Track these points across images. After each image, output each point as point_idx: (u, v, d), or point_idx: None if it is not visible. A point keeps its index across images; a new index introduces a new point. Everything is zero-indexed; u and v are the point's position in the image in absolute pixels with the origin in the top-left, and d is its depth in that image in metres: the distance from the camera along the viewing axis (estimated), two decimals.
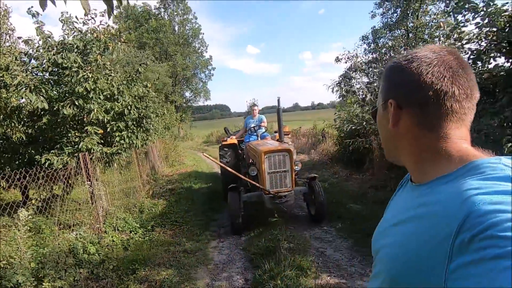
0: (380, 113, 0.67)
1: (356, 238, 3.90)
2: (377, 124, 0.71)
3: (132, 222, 4.89)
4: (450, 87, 0.56)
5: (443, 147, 0.57)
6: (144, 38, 27.21)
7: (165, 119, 16.07)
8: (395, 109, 0.60)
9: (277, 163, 4.32)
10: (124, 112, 5.12)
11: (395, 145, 0.65)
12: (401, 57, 0.63)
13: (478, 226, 0.42)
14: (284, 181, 4.34)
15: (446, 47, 0.60)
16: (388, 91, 0.64)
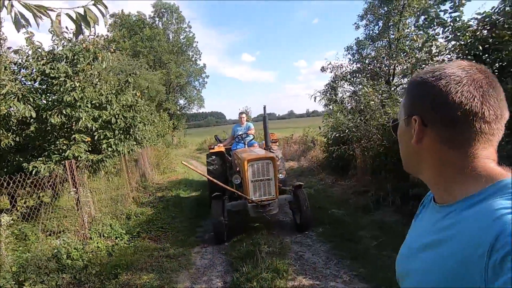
0: (402, 128, 0.66)
1: (335, 242, 4.03)
2: (398, 138, 0.70)
3: (118, 229, 4.96)
4: (480, 108, 0.54)
5: (469, 166, 0.55)
6: (138, 46, 27.44)
7: (157, 127, 16.18)
8: (420, 126, 0.59)
9: (260, 171, 4.31)
10: (112, 121, 5.23)
11: (417, 161, 0.64)
12: (428, 72, 0.61)
13: (509, 245, 0.41)
14: (268, 189, 4.33)
15: (475, 64, 0.59)
16: (412, 106, 0.62)
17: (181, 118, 31.86)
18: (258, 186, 4.32)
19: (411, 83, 0.65)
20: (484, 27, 3.70)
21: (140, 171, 9.42)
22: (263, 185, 4.33)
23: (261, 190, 4.32)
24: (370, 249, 3.69)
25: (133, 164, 8.98)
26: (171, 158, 14.85)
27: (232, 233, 4.54)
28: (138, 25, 29.44)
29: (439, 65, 0.61)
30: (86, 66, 5.28)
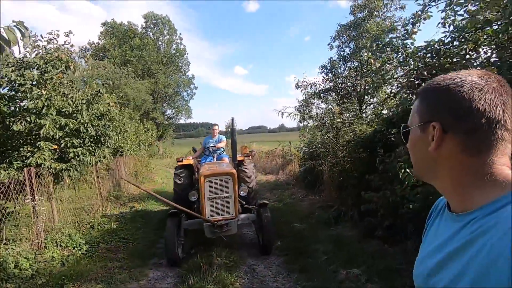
0: (417, 134, 0.65)
1: (289, 256, 4.10)
2: (409, 145, 0.69)
3: (78, 239, 4.90)
4: (502, 115, 0.55)
5: (488, 173, 0.56)
6: (127, 55, 27.56)
7: (139, 136, 16.11)
8: (440, 133, 0.58)
9: (218, 188, 4.07)
10: (80, 129, 5.25)
11: (433, 168, 0.63)
12: (447, 79, 0.61)
13: None
14: (226, 207, 4.09)
15: (491, 73, 0.60)
16: (430, 112, 0.61)
17: (168, 128, 31.79)
18: (215, 204, 4.06)
19: (428, 89, 0.64)
20: (429, 54, 3.97)
21: (114, 180, 9.32)
22: (221, 203, 4.08)
23: (218, 209, 4.08)
24: (320, 263, 3.77)
25: (106, 173, 8.90)
26: (151, 168, 14.74)
27: (189, 253, 4.28)
28: (129, 35, 29.68)
29: (455, 73, 0.61)
30: (59, 74, 5.33)
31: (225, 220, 4.00)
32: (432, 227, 0.73)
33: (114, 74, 21.21)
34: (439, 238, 0.65)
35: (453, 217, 0.61)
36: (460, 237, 0.57)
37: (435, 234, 0.69)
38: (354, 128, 6.20)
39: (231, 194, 4.12)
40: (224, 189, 4.10)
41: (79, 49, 32.08)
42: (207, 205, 4.04)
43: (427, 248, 0.69)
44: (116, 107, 7.12)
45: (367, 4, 7.66)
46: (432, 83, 0.64)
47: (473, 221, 0.55)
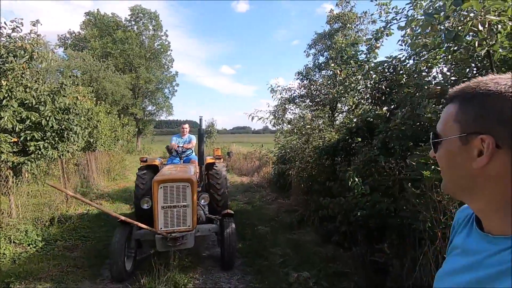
0: (455, 146, 0.57)
1: (247, 258, 4.18)
2: (441, 156, 0.61)
3: (34, 235, 4.75)
4: None
5: None
6: (108, 47, 26.81)
7: (115, 131, 15.71)
8: (492, 148, 0.51)
9: (174, 196, 3.64)
10: (42, 123, 5.09)
11: (472, 186, 0.56)
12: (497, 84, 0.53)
13: None
14: (183, 218, 3.64)
15: None
16: (478, 123, 0.53)
17: (148, 124, 31.17)
18: (170, 214, 3.62)
19: (474, 94, 0.55)
20: (388, 69, 4.19)
21: (83, 176, 9.07)
22: (177, 213, 3.64)
23: (173, 219, 3.63)
24: (275, 265, 3.88)
25: (74, 168, 8.65)
26: (125, 165, 14.42)
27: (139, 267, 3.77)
28: (112, 27, 28.90)
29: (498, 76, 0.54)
30: (23, 65, 5.15)
31: (180, 232, 3.54)
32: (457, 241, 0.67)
33: (92, 66, 20.58)
34: (469, 257, 0.58)
35: (488, 239, 0.56)
36: (495, 262, 0.51)
37: (463, 252, 0.62)
38: (323, 135, 6.40)
39: (189, 203, 3.67)
40: (181, 197, 3.66)
41: (58, 37, 31.00)
42: (160, 215, 3.58)
43: (453, 265, 0.63)
44: (85, 100, 6.95)
45: (341, 16, 7.94)
46: (479, 87, 0.54)
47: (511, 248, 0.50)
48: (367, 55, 4.52)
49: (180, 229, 3.61)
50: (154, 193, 3.59)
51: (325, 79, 7.74)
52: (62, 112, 5.53)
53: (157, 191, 3.59)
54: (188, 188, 3.70)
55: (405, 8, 3.85)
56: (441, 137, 0.60)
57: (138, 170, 5.03)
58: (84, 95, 7.26)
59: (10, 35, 5.26)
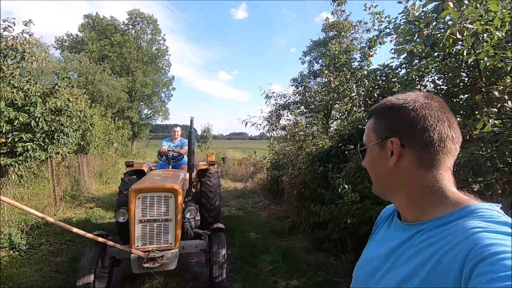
0: (375, 151, 0.68)
1: (236, 265, 4.10)
2: (368, 162, 0.71)
3: (18, 239, 4.63)
4: (449, 130, 0.61)
5: (440, 189, 0.61)
6: (105, 50, 26.79)
7: (109, 135, 15.58)
8: (398, 148, 0.63)
9: (154, 208, 3.13)
10: (32, 124, 5.02)
11: (392, 183, 0.66)
12: (399, 99, 0.66)
13: (479, 255, 0.47)
14: (164, 234, 3.13)
15: (432, 94, 0.66)
16: (388, 129, 0.66)
17: (143, 128, 31.03)
18: (149, 229, 3.11)
19: (383, 108, 0.68)
20: (380, 77, 4.21)
21: (73, 179, 8.92)
22: (157, 228, 3.12)
23: (153, 235, 3.11)
24: (263, 273, 3.80)
25: (64, 171, 8.51)
26: (118, 168, 14.26)
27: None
28: (110, 30, 28.94)
29: (404, 94, 0.67)
30: (13, 65, 5.09)
31: (160, 251, 3.03)
32: (379, 233, 0.76)
33: (89, 68, 20.51)
34: (387, 244, 0.67)
35: (403, 226, 0.65)
36: (409, 245, 0.60)
37: (382, 240, 0.72)
38: (316, 142, 6.38)
39: (171, 217, 3.16)
40: (162, 210, 3.15)
41: (55, 39, 30.91)
42: (137, 230, 3.06)
43: (372, 252, 0.72)
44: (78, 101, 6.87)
45: (336, 24, 8.02)
46: (386, 103, 0.68)
47: (423, 231, 0.59)
48: (360, 63, 4.55)
49: (160, 247, 3.08)
50: (130, 204, 3.06)
51: (320, 86, 7.77)
52: (53, 113, 5.46)
53: (134, 202, 3.06)
54: (171, 199, 3.18)
55: (398, 18, 3.89)
56: (366, 145, 0.71)
57: (123, 175, 4.60)
58: (77, 97, 7.18)
59: (1, 35, 5.22)
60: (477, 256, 0.47)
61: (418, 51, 2.94)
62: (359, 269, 0.74)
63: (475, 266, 0.47)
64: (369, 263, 0.70)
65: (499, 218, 0.54)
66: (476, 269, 0.46)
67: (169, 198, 3.19)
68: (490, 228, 0.51)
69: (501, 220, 0.54)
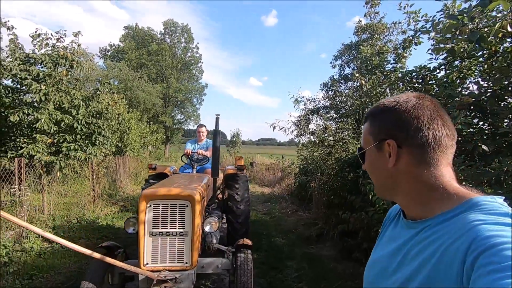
0: (374, 154, 0.69)
1: (261, 269, 4.05)
2: (367, 165, 0.72)
3: (60, 232, 5.00)
4: (442, 128, 0.62)
5: (440, 185, 0.62)
6: (143, 59, 28.44)
7: (144, 138, 16.41)
8: (395, 149, 0.64)
9: (168, 219, 2.64)
10: (74, 126, 5.43)
11: (392, 184, 0.67)
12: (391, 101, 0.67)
13: (480, 247, 0.47)
14: (178, 251, 2.64)
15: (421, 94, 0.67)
16: (383, 132, 0.67)
17: (176, 132, 32.29)
18: (161, 245, 2.62)
19: (377, 112, 0.69)
20: (416, 79, 3.98)
21: (111, 178, 9.48)
22: (170, 244, 2.63)
23: (165, 252, 2.62)
24: (288, 279, 3.72)
25: (104, 171, 9.08)
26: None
27: None
28: (147, 39, 30.72)
29: (395, 96, 0.69)
30: (64, 72, 5.58)
31: (172, 272, 2.54)
32: (386, 233, 0.77)
33: (128, 76, 21.90)
34: (394, 243, 0.68)
35: (408, 224, 0.66)
36: (415, 242, 0.61)
37: (389, 239, 0.73)
38: (347, 147, 6.18)
39: (187, 230, 2.65)
40: (177, 221, 2.65)
41: (100, 49, 33.47)
42: (146, 245, 2.60)
43: (380, 252, 0.73)
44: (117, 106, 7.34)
45: (369, 27, 7.76)
46: (379, 106, 0.70)
47: (427, 227, 0.60)
48: (394, 65, 4.34)
49: (173, 266, 2.58)
50: (140, 213, 2.60)
51: (351, 90, 7.55)
52: (93, 116, 5.87)
53: (145, 210, 2.61)
54: (187, 208, 2.67)
55: (436, 16, 3.67)
56: (364, 149, 0.72)
57: (146, 180, 4.36)
58: (116, 101, 7.67)
59: (55, 45, 5.75)
60: (477, 248, 0.48)
61: (459, 50, 2.74)
62: (368, 270, 0.74)
63: (476, 258, 0.47)
64: (378, 263, 0.71)
65: (499, 209, 0.54)
66: (478, 261, 0.47)
67: (185, 207, 2.68)
68: (490, 220, 0.52)
69: (502, 212, 0.54)
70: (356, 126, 7.73)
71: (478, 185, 2.39)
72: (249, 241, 3.06)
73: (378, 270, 0.69)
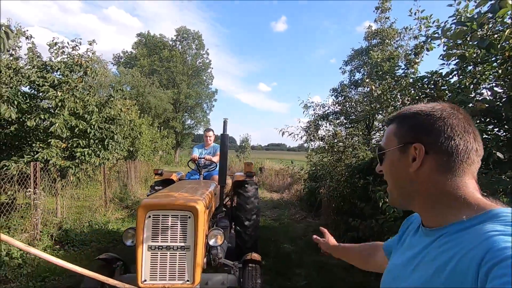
0: (395, 156, 0.68)
1: (268, 276, 4.01)
2: (386, 167, 0.72)
3: (73, 235, 5.10)
4: (474, 141, 0.62)
5: (462, 195, 0.61)
6: (155, 65, 29.03)
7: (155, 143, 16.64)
8: (422, 153, 0.63)
9: (168, 231, 2.43)
10: (87, 131, 5.57)
11: (411, 189, 0.66)
12: (426, 107, 0.67)
13: (495, 258, 0.47)
14: (180, 267, 2.42)
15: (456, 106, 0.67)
16: (412, 135, 0.66)
17: (186, 137, 32.65)
18: (160, 260, 2.39)
19: (408, 115, 0.68)
20: (428, 85, 3.92)
21: (122, 183, 9.64)
22: (170, 259, 2.41)
23: (165, 268, 2.40)
24: (297, 287, 3.67)
25: (114, 175, 9.25)
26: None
27: None
28: (159, 46, 31.38)
29: (430, 103, 0.68)
30: (78, 79, 5.76)
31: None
32: (406, 241, 0.77)
33: (140, 82, 22.39)
34: (411, 250, 0.69)
35: (425, 232, 0.66)
36: (430, 249, 0.61)
37: (408, 246, 0.73)
38: (357, 153, 6.11)
39: (189, 244, 2.43)
40: (178, 234, 2.44)
41: (113, 56, 34.38)
42: (145, 259, 2.39)
43: (398, 259, 0.73)
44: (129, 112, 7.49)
45: (379, 32, 7.72)
46: (411, 110, 0.69)
47: (444, 235, 0.60)
48: (405, 71, 4.29)
49: (173, 284, 2.38)
50: (138, 225, 2.39)
51: (361, 95, 7.49)
52: (106, 121, 6.01)
53: (143, 221, 2.39)
54: (190, 220, 2.45)
55: (448, 21, 3.62)
56: (385, 150, 0.71)
57: (151, 188, 4.24)
58: (128, 107, 7.84)
59: (70, 53, 5.95)
60: (492, 259, 0.47)
61: (470, 56, 2.70)
62: (386, 274, 0.75)
63: (490, 269, 0.47)
64: (394, 269, 0.72)
65: None
66: (492, 272, 0.46)
67: (187, 218, 2.44)
68: (508, 231, 0.51)
69: None
70: (366, 132, 7.65)
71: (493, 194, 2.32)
72: (257, 256, 2.89)
73: (394, 275, 0.70)
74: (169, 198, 2.60)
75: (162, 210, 2.43)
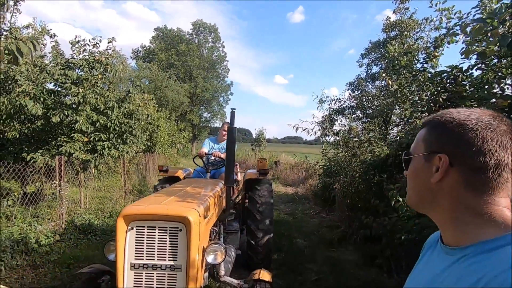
0: (420, 163, 0.65)
1: (280, 270, 4.08)
2: (410, 172, 0.68)
3: (95, 225, 5.38)
4: (509, 158, 0.56)
5: (488, 212, 0.56)
6: (172, 59, 29.43)
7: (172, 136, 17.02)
8: (446, 166, 0.59)
9: (155, 248, 2.00)
10: (108, 125, 5.80)
11: (431, 200, 0.63)
12: (461, 114, 0.61)
13: None
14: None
15: (499, 114, 0.61)
16: (438, 144, 0.62)
17: (202, 130, 33.12)
18: (146, 281, 2.00)
19: (440, 121, 0.63)
20: (448, 80, 3.78)
21: (141, 175, 9.99)
22: (158, 280, 2.00)
23: None
24: (308, 282, 3.72)
25: (134, 167, 9.59)
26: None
27: None
28: (176, 40, 31.72)
29: (468, 109, 0.62)
30: (98, 75, 5.98)
31: None
32: (423, 259, 0.73)
33: (158, 76, 22.82)
34: (431, 270, 0.64)
35: (446, 250, 0.62)
36: (452, 271, 0.57)
37: (425, 266, 0.70)
38: (373, 149, 6.01)
39: (180, 263, 2.00)
40: (167, 251, 2.01)
41: (132, 50, 35.12)
42: (127, 280, 2.00)
43: (416, 279, 0.70)
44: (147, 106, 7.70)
45: (398, 23, 7.43)
46: (444, 116, 0.64)
47: (466, 256, 0.56)
48: (424, 65, 4.15)
49: None
50: (118, 239, 1.99)
51: (378, 90, 7.30)
52: (125, 116, 6.22)
53: (124, 234, 1.99)
54: (182, 233, 2.01)
55: (471, 12, 3.45)
56: (412, 155, 0.69)
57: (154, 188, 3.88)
58: (146, 102, 8.06)
59: (91, 51, 6.17)
60: None
61: (491, 52, 2.58)
62: None
63: None
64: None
65: None
66: None
67: (178, 231, 2.00)
68: None
69: None
70: (383, 127, 7.48)
71: None
72: (268, 274, 2.44)
73: None
74: (156, 206, 2.12)
75: (147, 220, 1.99)
